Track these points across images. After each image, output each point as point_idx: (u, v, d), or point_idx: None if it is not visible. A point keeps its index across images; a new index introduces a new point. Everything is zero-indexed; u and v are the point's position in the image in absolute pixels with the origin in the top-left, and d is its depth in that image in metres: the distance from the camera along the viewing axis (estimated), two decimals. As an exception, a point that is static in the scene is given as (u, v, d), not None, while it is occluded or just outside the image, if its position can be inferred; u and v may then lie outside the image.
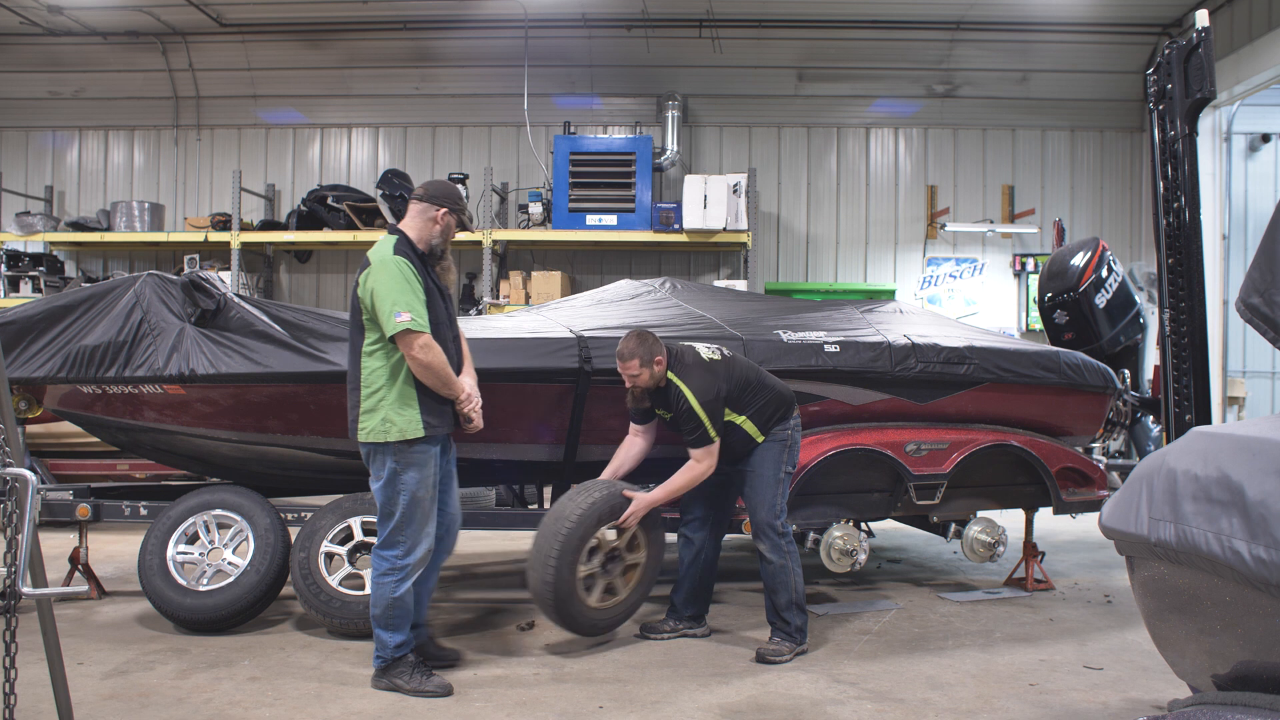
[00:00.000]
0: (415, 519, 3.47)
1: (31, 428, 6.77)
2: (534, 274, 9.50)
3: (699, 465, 3.89)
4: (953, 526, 5.08)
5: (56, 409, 4.68)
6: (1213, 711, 1.75)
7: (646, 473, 4.36)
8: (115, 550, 6.05)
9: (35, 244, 10.20)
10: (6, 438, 2.35)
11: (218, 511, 4.39)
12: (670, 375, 3.90)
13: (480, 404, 3.61)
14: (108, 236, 10.01)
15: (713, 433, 3.87)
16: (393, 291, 3.36)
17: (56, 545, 5.70)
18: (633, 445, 4.12)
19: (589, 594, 3.96)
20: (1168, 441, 4.07)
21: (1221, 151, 9.49)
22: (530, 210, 9.64)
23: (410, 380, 3.43)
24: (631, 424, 4.15)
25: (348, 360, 3.60)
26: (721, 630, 4.32)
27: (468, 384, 3.60)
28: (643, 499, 3.92)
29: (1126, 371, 6.03)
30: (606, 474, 4.08)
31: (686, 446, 3.91)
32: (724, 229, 8.98)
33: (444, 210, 3.57)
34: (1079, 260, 6.00)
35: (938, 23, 9.88)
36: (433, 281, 3.55)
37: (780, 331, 4.80)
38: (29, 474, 2.29)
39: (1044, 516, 5.48)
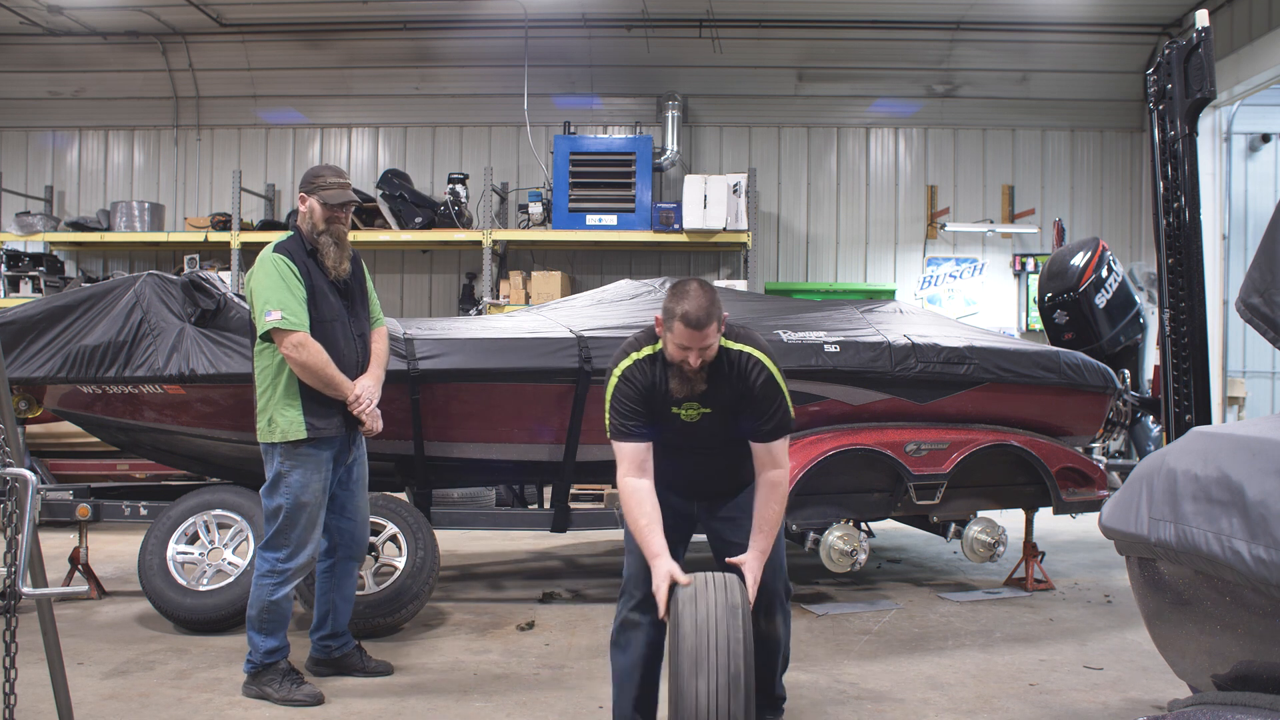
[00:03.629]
0: (299, 523, 3.35)
1: (31, 428, 6.77)
2: (534, 274, 9.50)
3: (783, 473, 2.83)
4: (953, 526, 5.08)
5: (56, 409, 4.68)
6: (1213, 711, 1.75)
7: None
8: (115, 550, 6.05)
9: (35, 244, 10.19)
10: (6, 438, 2.35)
11: (218, 511, 4.40)
12: (728, 343, 2.82)
13: (373, 406, 3.41)
14: (108, 236, 10.00)
15: (793, 413, 2.88)
16: (265, 289, 3.29)
17: (56, 545, 5.69)
18: (649, 491, 2.79)
19: None
20: (1168, 441, 4.06)
21: (1221, 151, 9.48)
22: (530, 210, 9.65)
23: (294, 380, 3.33)
24: (630, 452, 2.80)
25: None
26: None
27: (363, 384, 3.42)
28: (755, 567, 2.74)
29: (1126, 371, 6.03)
30: (656, 552, 2.69)
31: (763, 440, 2.81)
32: (724, 229, 8.98)
33: (301, 195, 3.45)
34: (1079, 260, 6.00)
35: (938, 23, 9.88)
36: (325, 277, 3.42)
37: (780, 331, 4.80)
38: (29, 474, 2.28)
39: (1044, 516, 5.48)
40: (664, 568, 2.66)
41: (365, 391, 3.41)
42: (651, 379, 2.82)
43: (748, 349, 2.83)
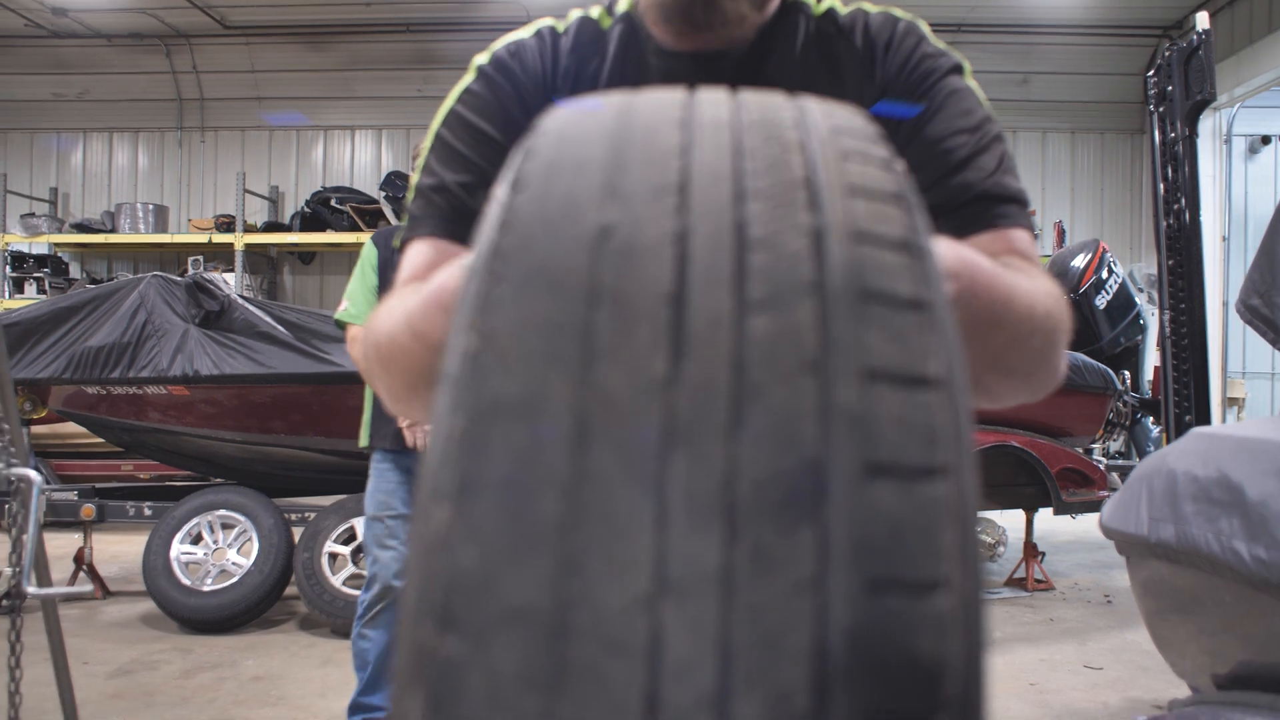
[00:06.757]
0: (370, 544, 2.93)
1: (36, 428, 6.79)
2: (536, 275, 9.51)
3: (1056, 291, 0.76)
4: (954, 527, 5.08)
5: (61, 410, 4.70)
6: (1212, 711, 1.76)
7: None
8: (120, 550, 6.06)
9: (40, 245, 10.21)
10: (12, 438, 2.36)
11: (222, 512, 4.41)
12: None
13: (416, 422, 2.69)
14: (112, 238, 10.02)
15: None
16: (351, 281, 2.99)
17: (61, 546, 5.71)
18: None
19: None
20: (1168, 442, 4.07)
21: (1221, 153, 9.48)
22: (532, 212, 9.65)
23: None
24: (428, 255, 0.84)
25: None
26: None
27: None
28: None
29: (1127, 372, 6.04)
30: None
31: (989, 212, 0.82)
32: (726, 230, 8.98)
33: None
34: (1079, 262, 6.01)
35: (939, 25, 9.87)
36: None
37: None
38: (34, 475, 2.29)
39: (1044, 517, 5.49)
40: None
41: None
42: (583, 59, 0.90)
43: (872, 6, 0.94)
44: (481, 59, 0.92)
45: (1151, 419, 6.16)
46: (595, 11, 0.93)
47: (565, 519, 0.31)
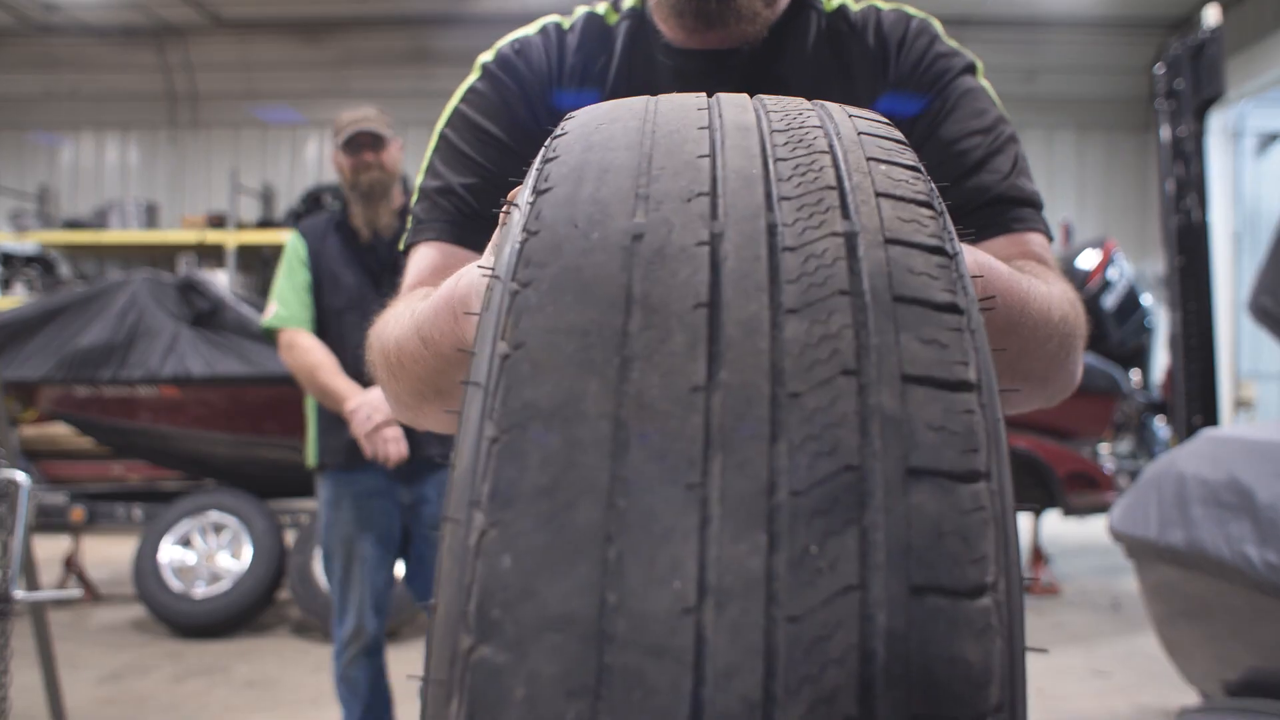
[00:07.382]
0: (333, 574, 2.57)
1: (25, 430, 6.74)
2: (533, 274, 9.47)
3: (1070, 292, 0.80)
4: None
5: (51, 411, 4.65)
6: (1221, 718, 1.72)
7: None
8: (110, 554, 6.02)
9: (29, 244, 10.15)
10: (0, 440, 2.32)
11: (213, 514, 4.36)
12: None
13: (375, 423, 2.30)
14: (102, 236, 9.95)
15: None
16: (277, 278, 2.63)
17: (51, 549, 5.66)
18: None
19: None
20: (1177, 444, 4.03)
21: (1231, 150, 9.43)
22: (530, 209, 9.61)
23: None
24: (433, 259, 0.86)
25: None
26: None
27: (373, 393, 2.32)
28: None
29: (1138, 372, 6.01)
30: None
31: (1002, 217, 0.84)
32: (724, 228, 8.95)
33: (334, 155, 2.72)
34: (1087, 261, 5.98)
35: (945, 20, 9.71)
36: (354, 252, 2.57)
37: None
38: (23, 477, 2.25)
39: (1050, 520, 5.45)
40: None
41: (364, 405, 2.33)
42: (589, 56, 0.90)
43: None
44: (486, 57, 0.91)
45: (1161, 420, 6.13)
46: (601, 7, 0.92)
47: (605, 526, 0.31)
